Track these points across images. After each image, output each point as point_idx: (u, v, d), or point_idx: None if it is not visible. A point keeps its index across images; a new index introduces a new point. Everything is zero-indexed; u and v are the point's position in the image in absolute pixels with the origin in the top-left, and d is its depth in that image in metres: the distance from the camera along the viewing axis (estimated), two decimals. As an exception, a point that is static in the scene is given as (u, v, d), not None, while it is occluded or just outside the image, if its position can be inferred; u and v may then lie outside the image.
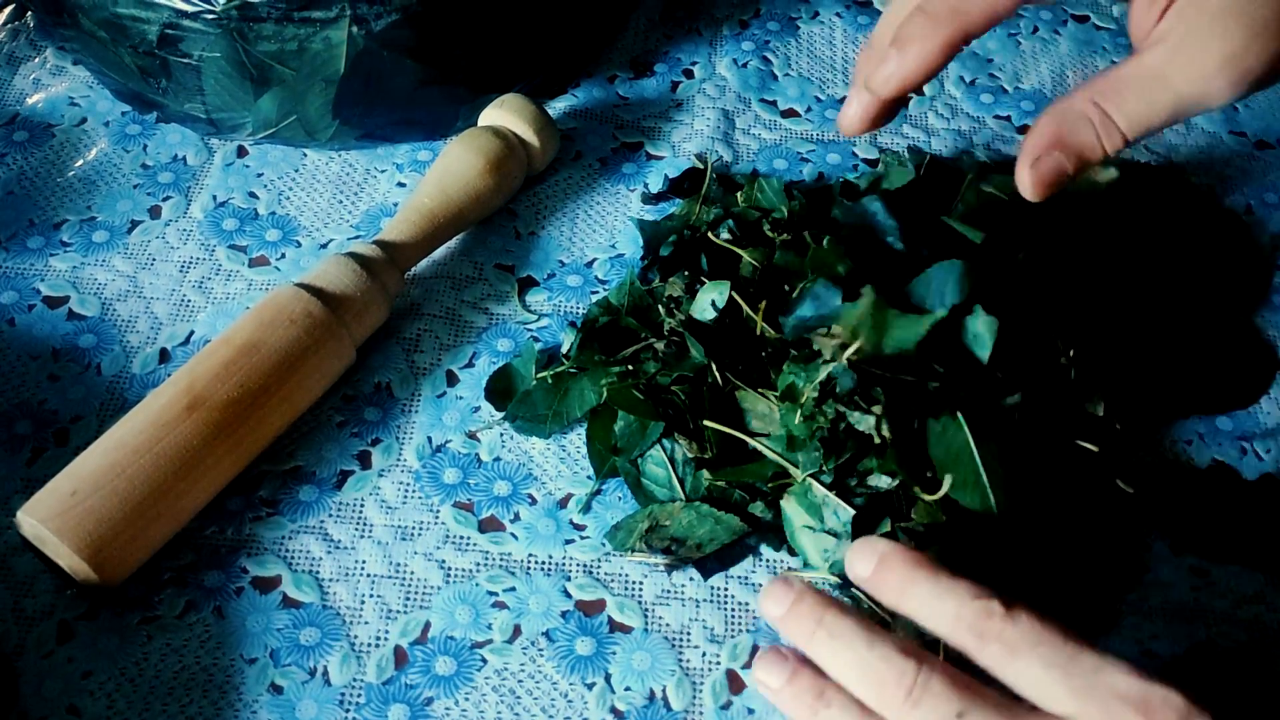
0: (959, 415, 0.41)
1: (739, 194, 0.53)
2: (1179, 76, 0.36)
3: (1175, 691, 0.30)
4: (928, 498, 0.41)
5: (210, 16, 0.49)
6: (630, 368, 0.47)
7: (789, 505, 0.43)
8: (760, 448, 0.44)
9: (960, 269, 0.42)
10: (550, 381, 0.47)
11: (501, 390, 0.48)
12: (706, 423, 0.45)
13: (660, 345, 0.47)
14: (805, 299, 0.44)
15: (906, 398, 0.41)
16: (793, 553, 0.44)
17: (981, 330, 0.42)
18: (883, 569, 0.34)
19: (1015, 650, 0.32)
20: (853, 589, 0.38)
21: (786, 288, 0.47)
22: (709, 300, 0.47)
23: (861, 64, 0.41)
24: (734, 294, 0.47)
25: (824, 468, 0.42)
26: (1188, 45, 0.35)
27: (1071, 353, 0.45)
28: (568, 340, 0.49)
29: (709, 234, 0.50)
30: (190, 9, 0.49)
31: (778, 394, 0.44)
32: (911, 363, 0.42)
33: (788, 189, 0.53)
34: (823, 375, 0.42)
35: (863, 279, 0.43)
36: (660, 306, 0.48)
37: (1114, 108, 0.36)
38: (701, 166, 0.56)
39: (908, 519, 0.41)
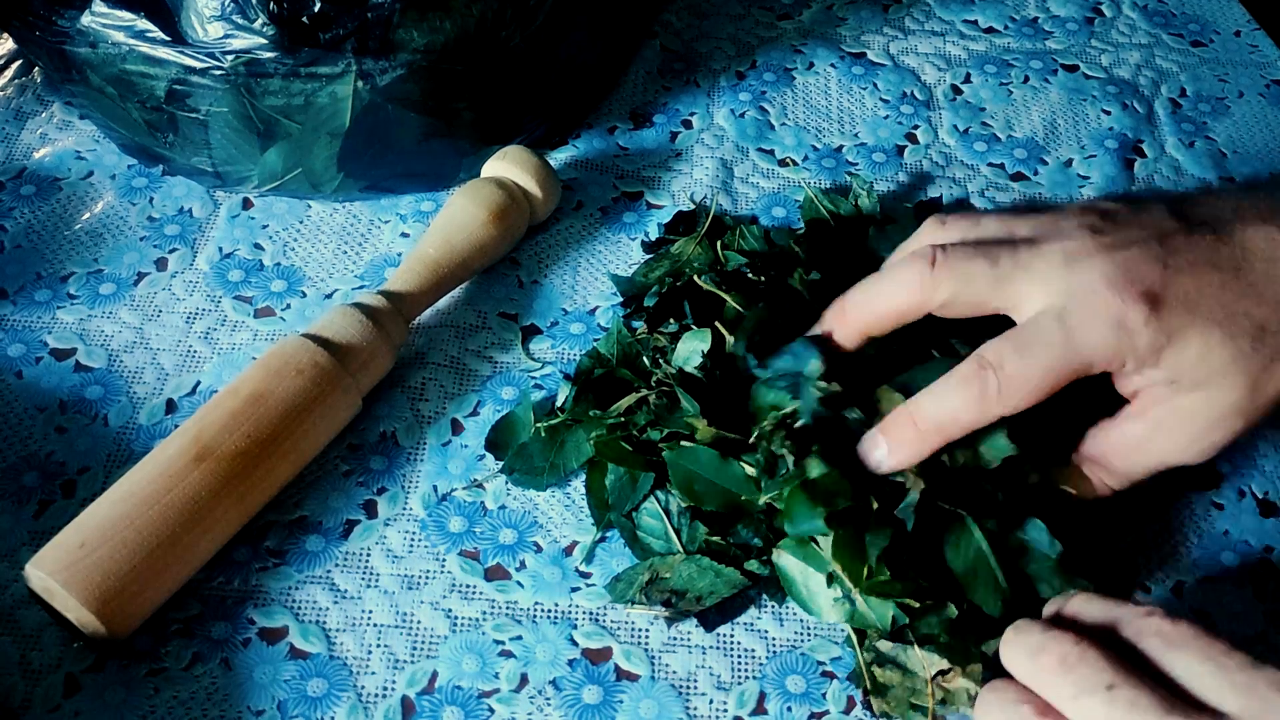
0: (970, 523, 0.41)
1: (725, 236, 0.54)
2: (1156, 449, 0.43)
3: None
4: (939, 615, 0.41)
5: (218, 72, 0.50)
6: (624, 419, 0.47)
7: (784, 560, 0.43)
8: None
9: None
10: (545, 434, 0.48)
11: (503, 443, 0.48)
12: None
13: (653, 397, 0.47)
14: (783, 354, 0.45)
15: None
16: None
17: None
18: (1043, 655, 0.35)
19: (1172, 641, 0.33)
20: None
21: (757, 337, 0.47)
22: (694, 349, 0.47)
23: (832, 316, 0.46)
24: (725, 335, 0.47)
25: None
26: (1163, 427, 0.42)
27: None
28: (563, 392, 0.49)
29: (694, 279, 0.50)
30: (199, 65, 0.50)
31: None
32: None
33: (766, 235, 0.53)
34: (789, 408, 0.43)
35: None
36: (646, 358, 0.49)
37: (1103, 472, 0.44)
38: (693, 207, 0.57)
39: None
